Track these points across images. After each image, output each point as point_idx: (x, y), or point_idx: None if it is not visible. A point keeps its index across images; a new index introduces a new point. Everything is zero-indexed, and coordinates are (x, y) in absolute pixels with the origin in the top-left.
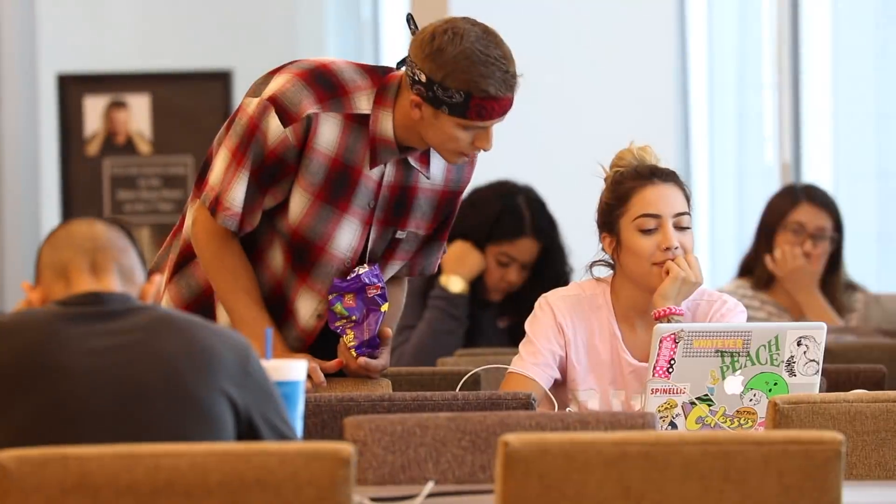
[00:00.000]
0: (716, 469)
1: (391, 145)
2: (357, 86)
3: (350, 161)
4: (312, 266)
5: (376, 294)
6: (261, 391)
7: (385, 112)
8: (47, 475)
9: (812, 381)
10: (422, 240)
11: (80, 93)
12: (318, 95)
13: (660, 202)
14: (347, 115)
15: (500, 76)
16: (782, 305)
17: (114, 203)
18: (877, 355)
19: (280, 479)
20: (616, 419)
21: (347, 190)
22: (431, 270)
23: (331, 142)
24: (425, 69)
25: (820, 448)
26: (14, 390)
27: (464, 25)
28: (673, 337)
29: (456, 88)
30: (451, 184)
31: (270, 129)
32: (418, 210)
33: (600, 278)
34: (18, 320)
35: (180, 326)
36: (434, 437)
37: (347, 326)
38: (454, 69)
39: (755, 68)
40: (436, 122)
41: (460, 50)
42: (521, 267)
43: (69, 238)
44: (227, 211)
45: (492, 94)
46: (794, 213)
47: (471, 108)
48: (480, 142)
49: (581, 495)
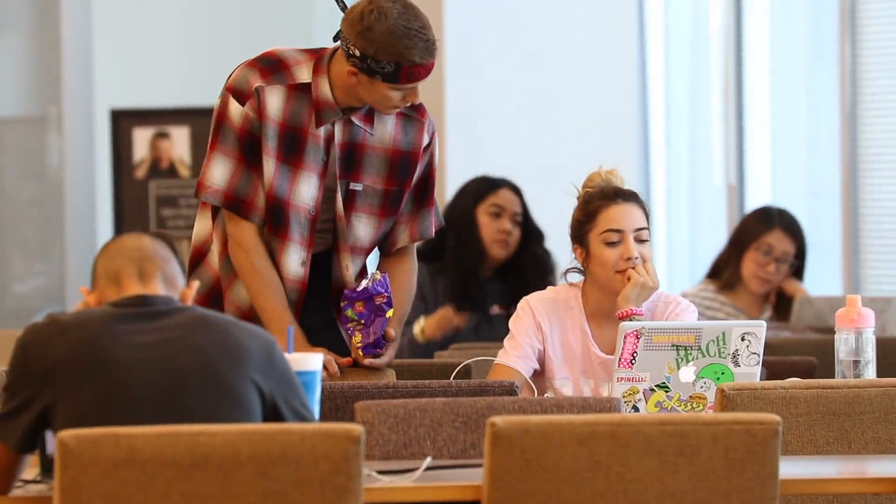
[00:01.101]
0: (672, 446)
1: (332, 106)
2: (297, 60)
3: (296, 124)
4: (287, 222)
5: (383, 302)
6: (284, 379)
7: (322, 77)
8: (101, 451)
9: (754, 371)
10: (384, 196)
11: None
12: (262, 72)
13: (622, 219)
14: (290, 85)
15: (422, 45)
16: (740, 307)
17: (158, 219)
18: (809, 349)
19: (300, 454)
20: (587, 403)
21: (298, 149)
22: (429, 234)
23: (278, 109)
24: (358, 45)
25: (760, 428)
26: (75, 379)
27: (384, 3)
28: (635, 333)
29: (387, 61)
30: (402, 143)
31: (232, 112)
32: (370, 166)
33: (573, 283)
34: (77, 319)
35: (216, 324)
36: (431, 419)
37: (356, 329)
38: (383, 44)
39: (705, 102)
40: (371, 87)
41: (386, 27)
42: (512, 220)
43: (120, 249)
44: (207, 189)
45: (417, 61)
46: (766, 235)
47: (401, 75)
48: (410, 97)
49: (557, 468)
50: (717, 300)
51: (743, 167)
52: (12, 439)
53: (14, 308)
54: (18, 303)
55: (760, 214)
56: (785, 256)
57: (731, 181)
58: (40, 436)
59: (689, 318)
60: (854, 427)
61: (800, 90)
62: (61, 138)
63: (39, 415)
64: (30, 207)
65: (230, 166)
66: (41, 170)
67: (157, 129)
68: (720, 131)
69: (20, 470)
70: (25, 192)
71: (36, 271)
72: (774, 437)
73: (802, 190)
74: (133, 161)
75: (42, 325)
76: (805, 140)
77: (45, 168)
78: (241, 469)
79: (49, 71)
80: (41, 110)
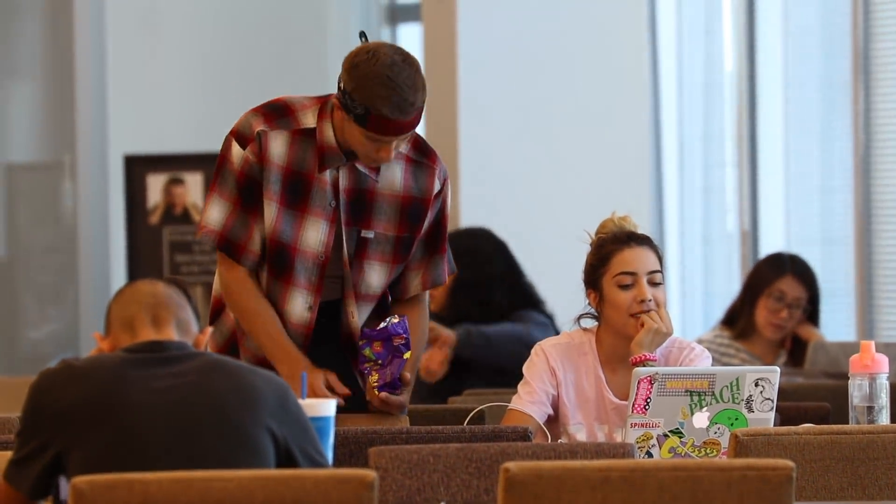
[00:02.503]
0: (686, 491)
1: (335, 151)
2: (303, 105)
3: (301, 168)
4: (292, 267)
5: (401, 343)
6: (297, 425)
7: (326, 122)
8: (115, 497)
9: (768, 417)
10: (396, 242)
11: (144, 171)
12: (266, 117)
13: (636, 262)
14: (295, 130)
15: (396, 101)
16: (755, 354)
17: (172, 265)
18: (822, 394)
19: (314, 499)
20: (600, 449)
21: (304, 194)
22: (442, 281)
23: (281, 154)
24: (343, 79)
25: (774, 474)
26: (88, 425)
27: (385, 51)
28: (649, 379)
29: (359, 102)
30: (413, 190)
31: (234, 155)
32: (381, 213)
33: (587, 328)
34: (91, 364)
35: (229, 370)
36: (445, 465)
37: (374, 368)
38: (360, 85)
39: (719, 149)
40: (348, 127)
41: (370, 70)
42: None
43: (134, 295)
44: (204, 229)
45: (385, 114)
46: (778, 282)
47: (369, 122)
48: (382, 153)
49: None
50: (733, 346)
51: (756, 213)
52: (25, 485)
53: (28, 354)
54: (32, 348)
55: (772, 261)
56: (797, 302)
57: (744, 227)
58: (53, 482)
59: (702, 363)
60: (868, 473)
61: (813, 136)
62: (75, 184)
63: (52, 461)
64: (44, 253)
65: (226, 209)
66: (55, 216)
67: (171, 174)
68: (734, 177)
69: None
70: (40, 238)
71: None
72: (788, 482)
73: (816, 236)
74: (147, 207)
75: (55, 370)
76: (818, 186)
77: (59, 214)
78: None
79: (63, 117)
80: (55, 156)
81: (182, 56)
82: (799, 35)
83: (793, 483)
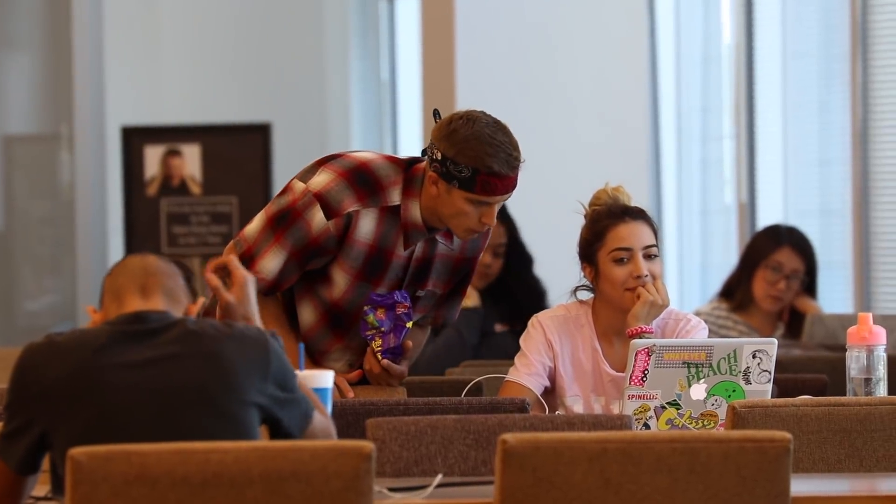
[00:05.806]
0: (683, 463)
1: (420, 228)
2: (391, 181)
3: (385, 245)
4: (349, 329)
5: (403, 312)
6: (279, 381)
7: (413, 201)
8: (112, 468)
9: (765, 389)
10: (440, 295)
11: (141, 143)
12: (359, 195)
13: (631, 237)
14: (383, 207)
15: (503, 157)
16: (753, 326)
17: (169, 237)
18: (820, 366)
19: (311, 471)
20: (598, 420)
21: (382, 270)
22: (453, 319)
23: (369, 232)
24: (441, 148)
25: (772, 445)
26: (69, 403)
27: (478, 114)
28: (646, 351)
29: (465, 164)
30: (467, 251)
31: (315, 221)
32: (436, 274)
33: (583, 301)
34: (73, 339)
35: (208, 337)
36: (443, 436)
37: (377, 335)
38: (464, 147)
39: (717, 121)
40: (448, 198)
41: (471, 132)
42: (494, 253)
43: (125, 268)
44: (258, 275)
45: (495, 170)
46: (776, 253)
47: (477, 183)
48: (486, 217)
49: (568, 485)
50: (731, 319)
51: (754, 185)
52: (13, 460)
53: (25, 325)
54: (29, 320)
55: (769, 233)
56: (795, 274)
57: (742, 199)
58: (41, 457)
59: (699, 335)
60: (865, 444)
61: (811, 109)
62: (73, 156)
63: (39, 437)
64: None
65: (283, 259)
66: (53, 187)
67: (169, 146)
68: (731, 149)
69: (26, 489)
70: (37, 209)
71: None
72: (785, 454)
73: (814, 208)
74: (144, 178)
75: (38, 345)
76: (816, 158)
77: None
78: (252, 487)
79: (61, 89)
80: (53, 128)
81: (179, 28)
82: (797, 6)
83: (790, 455)
